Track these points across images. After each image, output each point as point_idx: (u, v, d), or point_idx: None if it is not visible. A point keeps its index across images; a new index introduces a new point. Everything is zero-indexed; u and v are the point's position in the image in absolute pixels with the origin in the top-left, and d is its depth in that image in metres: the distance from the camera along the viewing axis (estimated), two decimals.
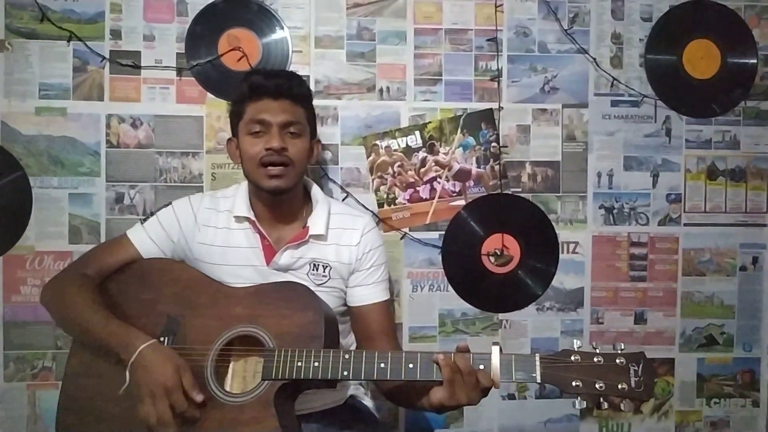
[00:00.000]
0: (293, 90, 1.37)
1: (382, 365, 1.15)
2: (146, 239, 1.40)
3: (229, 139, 1.45)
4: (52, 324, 1.69)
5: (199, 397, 1.16)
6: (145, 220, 1.43)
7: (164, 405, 1.14)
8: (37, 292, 1.68)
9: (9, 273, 1.69)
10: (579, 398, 1.06)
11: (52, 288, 1.36)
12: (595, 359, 1.08)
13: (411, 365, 1.15)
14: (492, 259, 1.81)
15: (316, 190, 1.48)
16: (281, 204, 1.41)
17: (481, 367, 1.11)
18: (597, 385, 1.05)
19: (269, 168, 1.33)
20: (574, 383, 1.06)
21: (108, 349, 1.22)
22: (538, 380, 1.09)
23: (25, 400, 1.70)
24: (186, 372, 1.17)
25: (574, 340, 1.12)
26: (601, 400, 1.06)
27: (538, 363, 1.09)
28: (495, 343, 1.13)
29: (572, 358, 1.08)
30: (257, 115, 1.34)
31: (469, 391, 1.11)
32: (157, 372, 1.15)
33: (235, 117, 1.39)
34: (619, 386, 1.05)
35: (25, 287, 1.70)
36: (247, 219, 1.39)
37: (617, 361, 1.07)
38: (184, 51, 1.72)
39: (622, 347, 1.09)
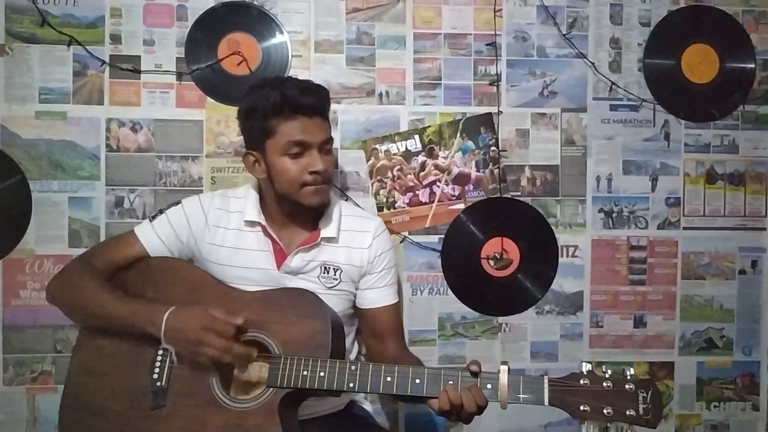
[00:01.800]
0: (325, 107, 1.38)
1: (389, 379, 1.16)
2: (154, 237, 1.39)
3: (246, 154, 1.38)
4: (51, 328, 1.69)
5: (239, 320, 1.19)
6: (153, 217, 1.42)
7: (215, 338, 1.17)
8: (37, 295, 1.68)
9: (9, 277, 1.69)
10: (586, 422, 1.07)
11: (59, 279, 1.36)
12: (605, 384, 1.07)
13: (417, 381, 1.15)
14: (491, 262, 1.81)
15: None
16: (300, 210, 1.39)
17: (489, 386, 1.12)
18: (605, 411, 1.06)
19: (312, 187, 1.33)
20: (582, 407, 1.06)
21: (129, 328, 1.23)
22: (546, 403, 1.09)
23: (24, 404, 1.70)
24: (214, 308, 1.20)
25: (583, 363, 1.11)
26: (608, 425, 1.06)
27: (546, 386, 1.09)
28: (503, 363, 1.13)
29: (581, 381, 1.08)
30: (296, 136, 1.31)
31: (462, 418, 1.13)
32: (189, 323, 1.18)
33: (260, 132, 1.33)
34: (627, 412, 1.05)
35: (25, 291, 1.69)
36: (258, 224, 1.39)
37: (626, 387, 1.07)
38: (183, 55, 1.72)
39: (632, 372, 1.09)
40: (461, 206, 1.80)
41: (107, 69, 1.71)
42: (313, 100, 1.33)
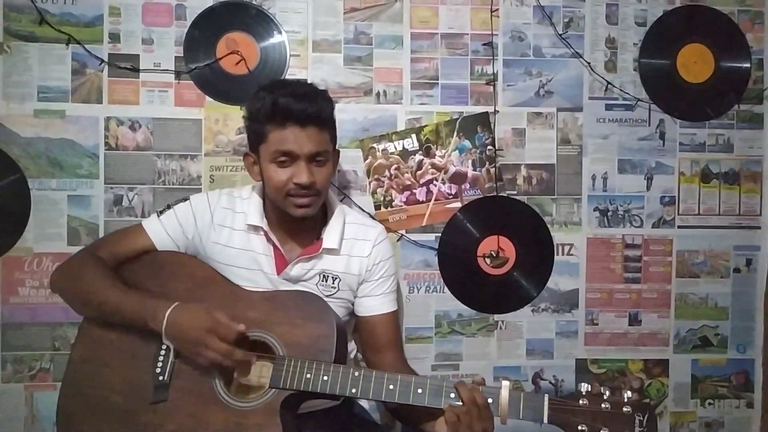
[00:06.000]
0: (321, 115, 1.30)
1: (391, 387, 1.16)
2: (162, 232, 1.39)
3: (246, 155, 1.38)
4: (50, 325, 1.70)
5: (241, 327, 1.18)
6: (161, 212, 1.42)
7: (217, 342, 1.16)
8: (36, 293, 1.69)
9: (7, 274, 1.70)
10: None
11: (65, 268, 1.35)
12: (603, 405, 1.10)
13: (420, 390, 1.16)
14: (488, 260, 1.82)
15: (332, 199, 1.45)
16: (299, 220, 1.38)
17: (490, 400, 1.13)
18: None
19: (296, 198, 1.31)
20: (579, 427, 1.09)
21: (130, 321, 1.23)
22: (545, 421, 1.11)
23: (22, 401, 1.70)
24: (217, 311, 1.19)
25: (582, 384, 1.13)
26: None
27: (546, 404, 1.11)
28: (505, 378, 1.16)
29: (580, 402, 1.11)
30: (283, 145, 1.27)
31: (482, 423, 1.12)
32: (192, 322, 1.18)
33: (255, 136, 1.33)
34: None
35: (24, 288, 1.70)
36: (261, 228, 1.38)
37: (624, 409, 1.09)
38: (182, 54, 1.73)
39: (629, 395, 1.11)
40: (458, 205, 1.81)
41: (106, 68, 1.71)
42: (304, 107, 1.27)
